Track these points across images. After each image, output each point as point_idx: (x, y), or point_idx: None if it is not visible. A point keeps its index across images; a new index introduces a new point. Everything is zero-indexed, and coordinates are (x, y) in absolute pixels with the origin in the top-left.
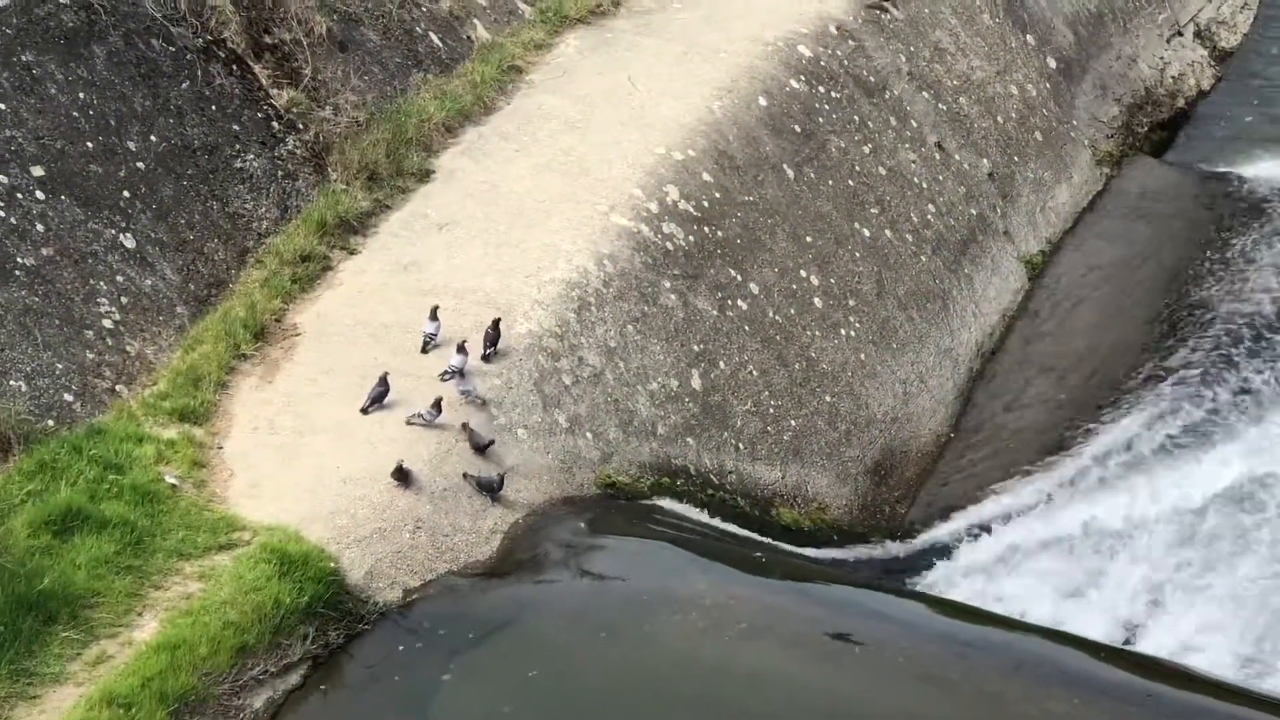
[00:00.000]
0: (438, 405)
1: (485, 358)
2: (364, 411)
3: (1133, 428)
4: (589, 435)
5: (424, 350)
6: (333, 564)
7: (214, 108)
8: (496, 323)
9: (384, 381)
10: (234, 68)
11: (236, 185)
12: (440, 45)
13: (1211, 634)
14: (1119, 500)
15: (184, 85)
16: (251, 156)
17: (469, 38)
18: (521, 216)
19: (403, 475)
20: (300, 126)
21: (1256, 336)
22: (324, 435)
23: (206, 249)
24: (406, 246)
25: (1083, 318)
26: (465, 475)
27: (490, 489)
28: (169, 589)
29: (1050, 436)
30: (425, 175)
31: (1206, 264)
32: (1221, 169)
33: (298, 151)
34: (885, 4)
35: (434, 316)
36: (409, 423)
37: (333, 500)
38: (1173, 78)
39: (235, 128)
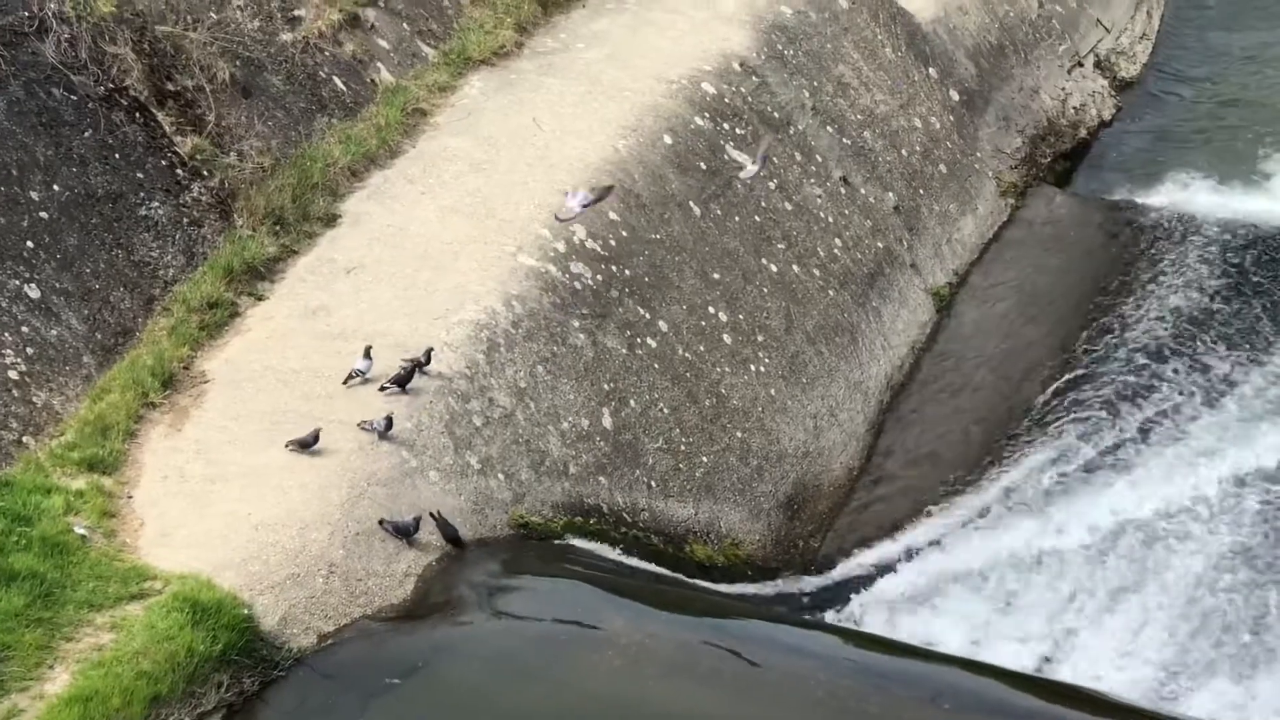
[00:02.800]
0: (390, 421)
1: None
2: (287, 445)
3: (1043, 458)
4: (501, 476)
5: (345, 382)
6: (246, 611)
7: (117, 156)
8: (420, 359)
9: (315, 436)
10: (137, 115)
11: (142, 233)
12: (344, 89)
13: (1125, 660)
14: (1030, 530)
15: (87, 134)
16: (156, 204)
17: (373, 81)
18: (429, 259)
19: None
20: (205, 173)
21: (1162, 363)
22: (235, 482)
23: (112, 298)
24: (314, 291)
25: (991, 348)
26: (381, 521)
27: (405, 533)
28: (80, 640)
29: (961, 468)
30: (332, 220)
31: (1112, 292)
32: (1124, 198)
33: (203, 198)
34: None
35: (367, 355)
36: (361, 427)
37: (245, 546)
38: (1074, 108)
39: (139, 175)
